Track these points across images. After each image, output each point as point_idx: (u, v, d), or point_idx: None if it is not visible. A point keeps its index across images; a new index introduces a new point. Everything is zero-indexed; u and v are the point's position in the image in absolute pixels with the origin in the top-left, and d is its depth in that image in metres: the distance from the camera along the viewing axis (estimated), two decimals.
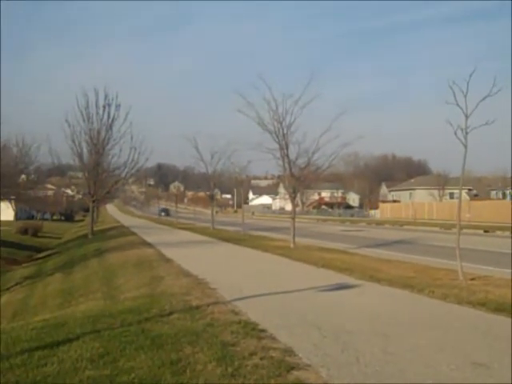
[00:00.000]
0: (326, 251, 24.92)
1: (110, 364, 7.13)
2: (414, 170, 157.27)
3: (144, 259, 23.31)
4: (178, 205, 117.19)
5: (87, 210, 67.01)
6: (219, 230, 49.95)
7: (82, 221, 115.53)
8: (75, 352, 7.70)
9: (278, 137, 27.33)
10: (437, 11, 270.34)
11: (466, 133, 14.48)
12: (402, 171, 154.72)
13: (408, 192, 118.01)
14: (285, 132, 27.25)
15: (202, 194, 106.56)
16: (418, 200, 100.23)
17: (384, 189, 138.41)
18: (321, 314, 10.35)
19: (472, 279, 14.85)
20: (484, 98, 14.21)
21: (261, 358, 7.22)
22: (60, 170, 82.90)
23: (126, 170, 53.35)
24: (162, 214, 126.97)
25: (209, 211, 74.84)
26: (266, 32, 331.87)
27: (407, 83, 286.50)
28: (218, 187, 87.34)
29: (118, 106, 50.36)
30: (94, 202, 52.94)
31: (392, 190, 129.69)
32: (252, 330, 8.85)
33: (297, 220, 31.73)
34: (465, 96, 14.20)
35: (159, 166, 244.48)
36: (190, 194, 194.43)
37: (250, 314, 10.14)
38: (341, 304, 11.55)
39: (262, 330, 8.85)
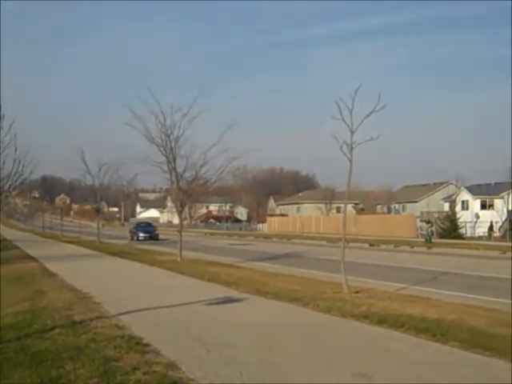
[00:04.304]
0: (213, 265, 24.92)
1: None
2: (301, 183, 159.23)
3: (26, 273, 22.64)
4: (64, 218, 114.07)
5: None
6: (106, 243, 49.27)
7: None
8: None
9: (165, 150, 27.11)
10: (322, 30, 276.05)
11: (352, 148, 14.83)
12: (290, 185, 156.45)
13: (296, 206, 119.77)
14: (172, 145, 27.06)
15: (88, 206, 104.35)
16: (306, 214, 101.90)
17: (272, 202, 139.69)
18: (206, 328, 10.32)
19: (356, 292, 15.16)
20: (369, 114, 14.60)
21: (144, 373, 7.10)
22: None
23: (9, 182, 51.34)
24: (140, 236, 61.32)
25: (95, 224, 73.53)
26: (156, 46, 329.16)
27: (295, 98, 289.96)
28: (105, 200, 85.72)
29: (1, 117, 48.74)
30: None
31: (280, 204, 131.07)
32: (136, 344, 8.72)
33: (185, 233, 31.68)
34: (350, 112, 14.55)
35: (44, 179, 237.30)
36: (76, 206, 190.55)
37: (134, 329, 10.01)
38: (226, 318, 11.55)
39: (146, 345, 8.74)
